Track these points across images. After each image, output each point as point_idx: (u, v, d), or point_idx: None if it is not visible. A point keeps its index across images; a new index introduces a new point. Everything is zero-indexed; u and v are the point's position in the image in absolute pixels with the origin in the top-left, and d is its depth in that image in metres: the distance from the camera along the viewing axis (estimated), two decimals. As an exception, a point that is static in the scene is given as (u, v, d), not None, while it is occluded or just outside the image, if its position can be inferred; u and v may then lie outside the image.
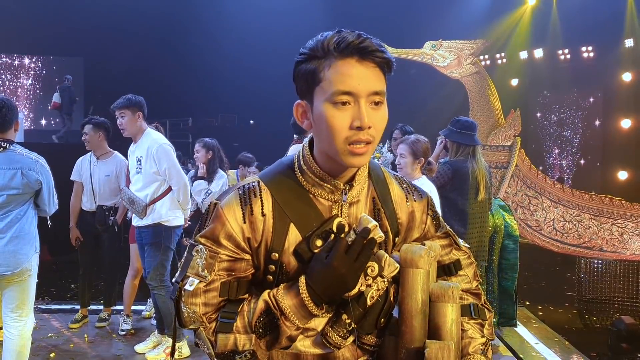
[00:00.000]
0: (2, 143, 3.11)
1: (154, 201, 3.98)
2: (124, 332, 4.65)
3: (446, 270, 1.33)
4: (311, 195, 1.20)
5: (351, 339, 1.20)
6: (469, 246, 1.41)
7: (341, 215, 1.20)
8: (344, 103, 1.09)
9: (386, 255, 1.14)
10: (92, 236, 4.87)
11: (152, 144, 3.98)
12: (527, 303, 5.96)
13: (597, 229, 6.48)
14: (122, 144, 4.86)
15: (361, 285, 1.12)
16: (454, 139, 4.05)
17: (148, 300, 5.18)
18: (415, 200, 1.33)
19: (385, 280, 1.15)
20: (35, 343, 3.52)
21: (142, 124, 4.10)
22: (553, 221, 6.61)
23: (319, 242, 1.13)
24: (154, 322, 4.95)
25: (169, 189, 4.05)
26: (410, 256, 1.17)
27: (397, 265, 1.16)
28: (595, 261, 6.14)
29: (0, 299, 3.31)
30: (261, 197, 1.19)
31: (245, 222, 1.18)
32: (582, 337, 5.05)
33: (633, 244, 6.33)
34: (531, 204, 6.69)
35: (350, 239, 1.10)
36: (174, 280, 1.24)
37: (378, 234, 1.10)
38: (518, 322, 5.11)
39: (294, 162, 1.24)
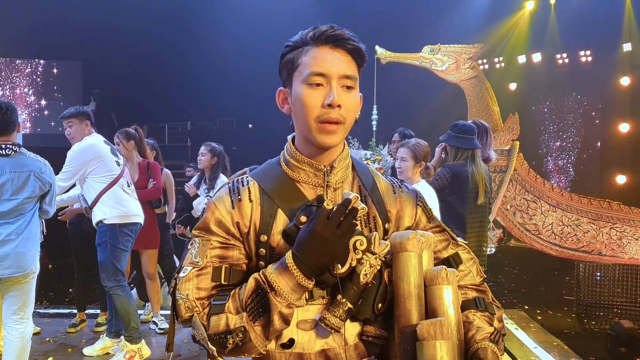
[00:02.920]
0: (13, 147, 3.13)
1: (94, 202, 3.96)
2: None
3: (446, 264, 1.32)
4: (297, 183, 1.27)
5: (357, 329, 1.22)
6: (467, 242, 1.42)
7: (326, 199, 1.24)
8: (317, 84, 1.19)
9: (376, 233, 1.18)
10: (85, 239, 4.84)
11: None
12: (526, 307, 5.96)
13: (595, 233, 6.48)
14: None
15: (352, 261, 1.13)
16: (452, 143, 4.05)
17: (146, 304, 5.17)
18: (403, 191, 1.37)
19: (378, 257, 1.16)
20: (32, 347, 3.50)
21: (89, 132, 4.06)
22: (552, 225, 6.62)
23: (303, 219, 1.15)
24: (152, 326, 4.95)
25: (107, 188, 4.01)
26: (399, 240, 1.18)
27: (387, 243, 1.18)
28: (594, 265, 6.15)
29: (0, 303, 3.31)
30: (249, 187, 1.27)
31: (233, 208, 1.24)
32: (581, 341, 5.04)
33: (631, 248, 6.34)
34: (530, 207, 6.69)
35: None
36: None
37: (360, 205, 1.13)
38: (517, 327, 5.12)
39: (280, 157, 1.33)
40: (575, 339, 5.08)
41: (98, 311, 5.06)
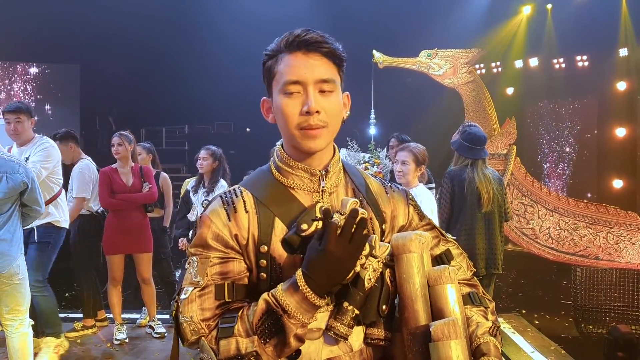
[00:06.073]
0: None
1: (47, 202, 3.96)
2: (118, 342, 4.63)
3: (439, 261, 1.33)
4: (291, 190, 1.24)
5: (362, 334, 1.20)
6: (455, 238, 1.43)
7: (323, 204, 1.21)
8: (294, 92, 1.17)
9: (375, 236, 1.16)
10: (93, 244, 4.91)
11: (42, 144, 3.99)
12: (523, 311, 5.96)
13: (592, 238, 6.49)
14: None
15: (355, 267, 1.12)
16: (455, 148, 4.06)
17: (143, 308, 5.16)
18: (394, 191, 1.38)
19: (379, 260, 1.15)
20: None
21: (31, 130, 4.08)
22: (549, 229, 6.62)
23: (304, 226, 1.11)
24: (149, 330, 4.94)
25: (60, 192, 4.05)
26: (401, 242, 1.18)
27: (388, 245, 1.17)
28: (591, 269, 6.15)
29: None
30: (243, 198, 1.24)
31: (230, 220, 1.21)
32: (578, 345, 5.04)
33: (628, 252, 6.34)
34: (527, 212, 6.69)
35: (339, 222, 1.07)
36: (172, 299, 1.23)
37: (362, 211, 1.10)
38: (514, 331, 5.11)
39: (270, 165, 1.31)
40: (573, 343, 5.08)
41: (110, 316, 5.04)
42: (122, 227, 4.56)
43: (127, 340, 4.67)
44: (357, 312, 1.14)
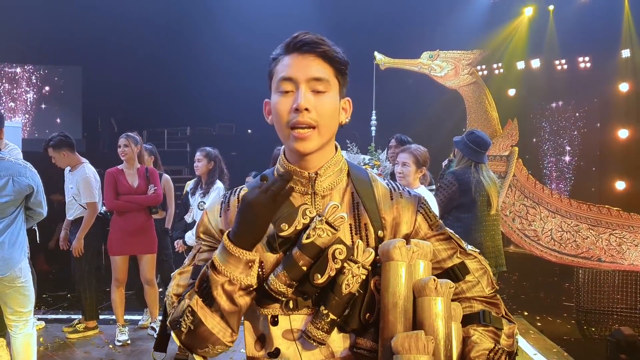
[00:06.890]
0: None
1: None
2: (120, 343, 4.63)
3: (450, 274, 1.25)
4: None
5: (347, 341, 1.19)
6: (478, 251, 1.33)
7: (314, 207, 1.24)
8: (287, 91, 1.19)
9: (359, 241, 1.16)
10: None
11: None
12: (526, 313, 5.94)
13: (595, 239, 6.47)
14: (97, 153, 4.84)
15: (330, 270, 1.11)
16: (460, 148, 4.05)
17: (145, 310, 5.16)
18: (402, 197, 1.31)
19: (360, 266, 1.13)
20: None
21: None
22: (551, 231, 6.61)
23: (284, 226, 1.15)
24: (150, 331, 4.93)
25: None
26: (385, 249, 1.14)
27: (372, 251, 1.15)
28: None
29: None
30: (238, 196, 1.30)
31: (220, 216, 1.29)
32: (581, 348, 5.03)
33: (631, 254, 6.32)
34: (529, 213, 6.68)
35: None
36: None
37: (339, 215, 1.12)
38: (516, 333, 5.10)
39: (275, 167, 1.34)
40: (575, 345, 5.07)
41: (112, 317, 5.04)
42: (126, 228, 4.58)
43: (129, 342, 4.67)
44: (333, 317, 1.12)
